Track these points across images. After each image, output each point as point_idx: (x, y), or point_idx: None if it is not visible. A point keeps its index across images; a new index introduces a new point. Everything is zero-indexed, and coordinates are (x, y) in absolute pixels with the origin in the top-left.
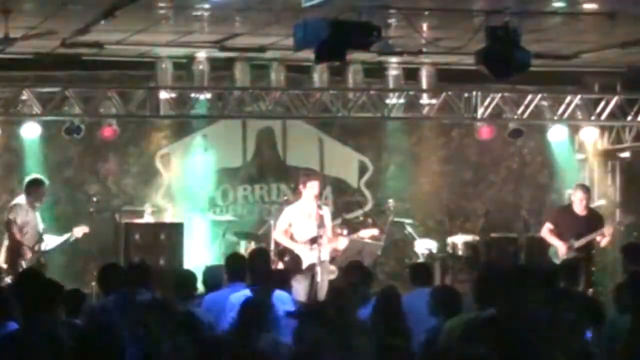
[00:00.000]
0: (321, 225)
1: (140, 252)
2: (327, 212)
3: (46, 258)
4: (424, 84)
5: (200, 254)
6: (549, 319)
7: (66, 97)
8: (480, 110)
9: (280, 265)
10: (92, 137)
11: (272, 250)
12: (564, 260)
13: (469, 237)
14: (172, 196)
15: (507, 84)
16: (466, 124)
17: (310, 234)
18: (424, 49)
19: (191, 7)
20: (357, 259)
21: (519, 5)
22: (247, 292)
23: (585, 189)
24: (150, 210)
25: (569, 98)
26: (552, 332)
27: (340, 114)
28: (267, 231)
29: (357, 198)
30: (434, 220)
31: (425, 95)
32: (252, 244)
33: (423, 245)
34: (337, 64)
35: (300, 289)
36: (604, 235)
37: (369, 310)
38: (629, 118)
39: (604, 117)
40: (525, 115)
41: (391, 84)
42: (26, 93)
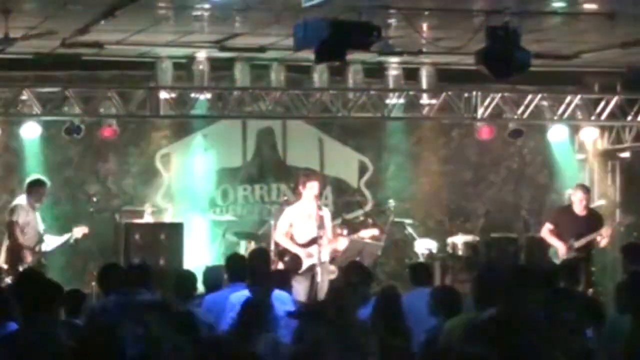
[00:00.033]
0: (321, 226)
1: (140, 252)
2: (327, 213)
3: (46, 258)
4: (424, 84)
5: (200, 254)
6: (549, 319)
7: (66, 97)
8: (480, 110)
9: (280, 265)
10: (92, 137)
11: (272, 250)
12: (564, 260)
13: (469, 237)
14: (172, 196)
15: (507, 84)
16: (466, 124)
17: (310, 234)
18: (424, 49)
19: (191, 7)
20: (357, 259)
21: (519, 5)
22: (247, 293)
23: (585, 189)
24: (150, 210)
25: (569, 98)
26: (552, 332)
27: (340, 114)
28: (267, 231)
29: (357, 198)
30: (434, 220)
31: (425, 95)
32: (252, 244)
33: (423, 245)
34: (337, 64)
35: (301, 289)
36: (602, 237)
37: (369, 310)
38: (629, 118)
39: (604, 117)
40: (525, 115)
41: (391, 84)
42: (26, 93)
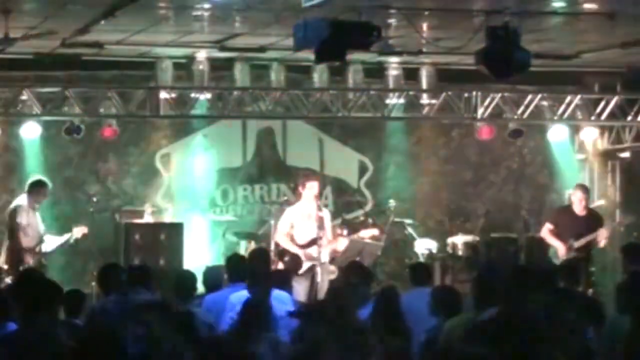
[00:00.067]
0: (321, 227)
1: (140, 252)
2: (326, 213)
3: (46, 259)
4: (424, 84)
5: (200, 254)
6: (549, 319)
7: (66, 97)
8: (480, 110)
9: (280, 266)
10: (92, 137)
11: (272, 250)
12: (564, 261)
13: (469, 237)
14: (172, 196)
15: (507, 84)
16: (466, 124)
17: (310, 235)
18: (424, 49)
19: (191, 7)
20: (357, 259)
21: (519, 5)
22: (246, 293)
23: (585, 189)
24: (150, 210)
25: (569, 98)
26: (552, 332)
27: (340, 114)
28: (267, 231)
29: (357, 198)
30: (434, 220)
31: (425, 95)
32: (252, 244)
33: (423, 245)
34: (337, 64)
35: (301, 289)
36: (601, 238)
37: (369, 310)
38: (629, 118)
39: (604, 117)
40: (525, 115)
41: (391, 84)
42: (26, 93)
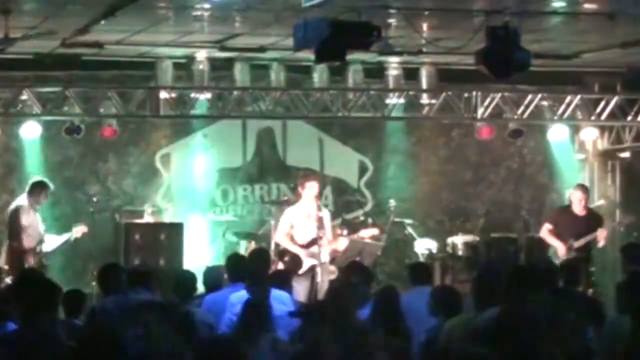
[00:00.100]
0: (321, 227)
1: (140, 252)
2: (326, 213)
3: (47, 259)
4: (424, 84)
5: (200, 254)
6: (550, 319)
7: (66, 97)
8: (480, 110)
9: (280, 265)
10: (92, 137)
11: (272, 250)
12: (564, 261)
13: (469, 237)
14: (172, 196)
15: (507, 84)
16: (466, 124)
17: (310, 235)
18: (424, 49)
19: (191, 7)
20: (357, 259)
21: (519, 5)
22: (246, 293)
23: (584, 189)
24: (150, 210)
25: (569, 98)
26: (553, 332)
27: (340, 114)
28: (267, 231)
29: (357, 198)
30: (434, 220)
31: (425, 95)
32: (252, 244)
33: (423, 245)
34: (337, 64)
35: (301, 289)
36: (599, 238)
37: (369, 310)
38: (629, 118)
39: (604, 117)
40: (525, 115)
41: (391, 84)
42: (26, 93)
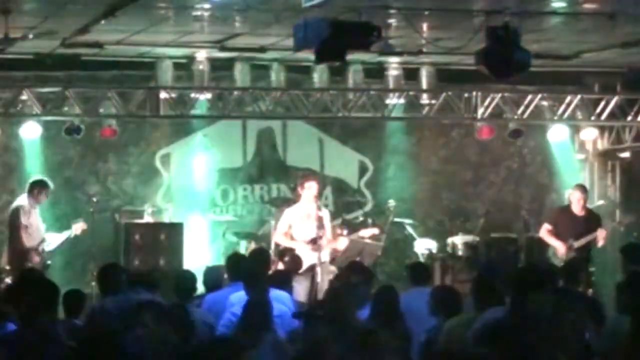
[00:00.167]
0: (320, 227)
1: (140, 252)
2: (326, 213)
3: (49, 258)
4: (424, 84)
5: (200, 254)
6: (550, 319)
7: (66, 97)
8: (480, 110)
9: (280, 266)
10: (92, 137)
11: (272, 250)
12: (567, 261)
13: (469, 237)
14: (172, 196)
15: (507, 84)
16: (466, 124)
17: (309, 234)
18: (424, 49)
19: (191, 7)
20: (357, 259)
21: (519, 5)
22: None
23: (583, 189)
24: (150, 210)
25: (569, 98)
26: (553, 332)
27: (340, 114)
28: (267, 231)
29: (357, 198)
30: (434, 220)
31: (425, 95)
32: (252, 244)
33: (423, 245)
34: (337, 64)
35: (301, 289)
36: (599, 239)
37: (369, 310)
38: (629, 118)
39: (604, 117)
40: (525, 115)
41: (391, 84)
42: (26, 93)
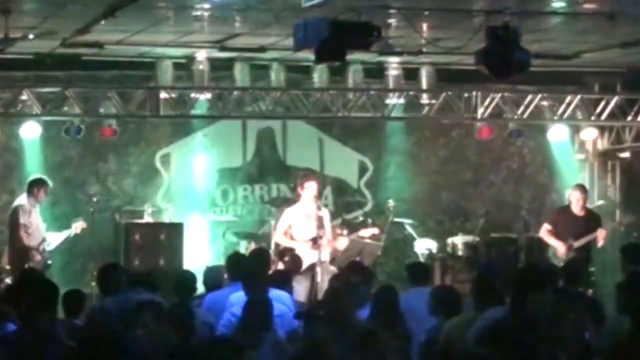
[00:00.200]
0: (320, 227)
1: (140, 252)
2: (326, 213)
3: (49, 258)
4: (424, 84)
5: (200, 254)
6: (550, 319)
7: (66, 97)
8: (480, 110)
9: (280, 265)
10: (92, 137)
11: (272, 250)
12: (567, 261)
13: (469, 237)
14: (172, 196)
15: (507, 84)
16: (466, 124)
17: (309, 234)
18: (424, 49)
19: (191, 7)
20: (357, 259)
21: (519, 5)
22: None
23: (583, 189)
24: (150, 210)
25: (569, 98)
26: (553, 332)
27: (340, 114)
28: (267, 231)
29: (357, 198)
30: (434, 220)
31: (425, 95)
32: (252, 244)
33: (423, 245)
34: (337, 64)
35: (301, 289)
36: (599, 238)
37: (369, 310)
38: (629, 118)
39: (604, 117)
40: (525, 115)
41: (391, 84)
42: (26, 93)
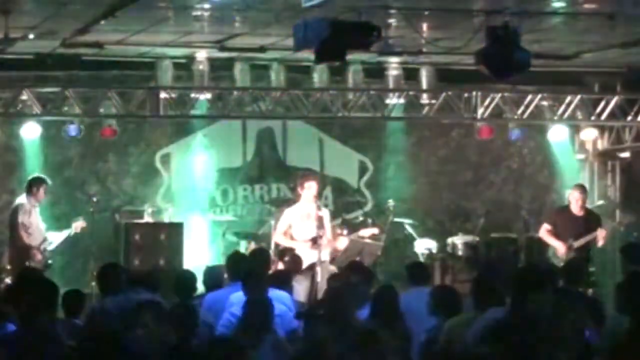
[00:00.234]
0: (320, 227)
1: (140, 252)
2: (326, 213)
3: (50, 258)
4: (424, 84)
5: (200, 254)
6: (550, 319)
7: (66, 97)
8: (480, 110)
9: (280, 265)
10: (92, 137)
11: (272, 250)
12: (567, 261)
13: (469, 237)
14: (172, 196)
15: (507, 84)
16: (466, 124)
17: (309, 234)
18: (424, 49)
19: (191, 7)
20: (357, 259)
21: (519, 5)
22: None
23: (582, 189)
24: (150, 210)
25: (569, 98)
26: (553, 332)
27: (340, 114)
28: (267, 231)
29: (357, 198)
30: (434, 220)
31: (425, 95)
32: (252, 244)
33: (423, 245)
34: (337, 64)
35: (301, 289)
36: (598, 238)
37: (369, 310)
38: (629, 118)
39: (604, 117)
40: (525, 115)
41: (391, 84)
42: (26, 93)
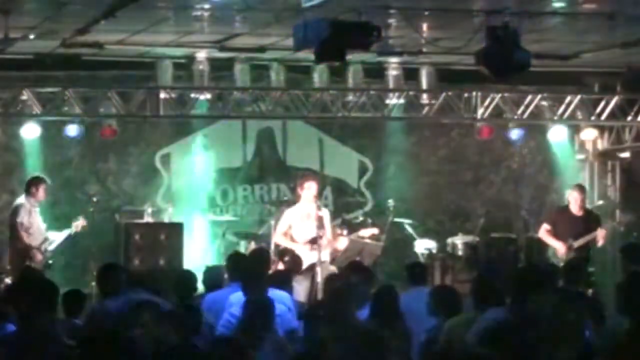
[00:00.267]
0: (320, 227)
1: (140, 252)
2: (326, 213)
3: (51, 258)
4: (424, 84)
5: (200, 254)
6: (550, 319)
7: (66, 97)
8: (480, 110)
9: (280, 266)
10: (92, 137)
11: (272, 250)
12: (567, 261)
13: (469, 237)
14: (172, 196)
15: (507, 84)
16: (466, 124)
17: (309, 234)
18: (424, 49)
19: (191, 7)
20: (357, 259)
21: (519, 5)
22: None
23: (581, 189)
24: (150, 210)
25: (569, 98)
26: (553, 332)
27: (340, 114)
28: (267, 231)
29: (357, 198)
30: (434, 220)
31: (425, 96)
32: (252, 244)
33: (423, 245)
34: (337, 64)
35: (301, 289)
36: (598, 238)
37: (369, 310)
38: (629, 118)
39: (604, 117)
40: (525, 116)
41: (391, 84)
42: (26, 93)
